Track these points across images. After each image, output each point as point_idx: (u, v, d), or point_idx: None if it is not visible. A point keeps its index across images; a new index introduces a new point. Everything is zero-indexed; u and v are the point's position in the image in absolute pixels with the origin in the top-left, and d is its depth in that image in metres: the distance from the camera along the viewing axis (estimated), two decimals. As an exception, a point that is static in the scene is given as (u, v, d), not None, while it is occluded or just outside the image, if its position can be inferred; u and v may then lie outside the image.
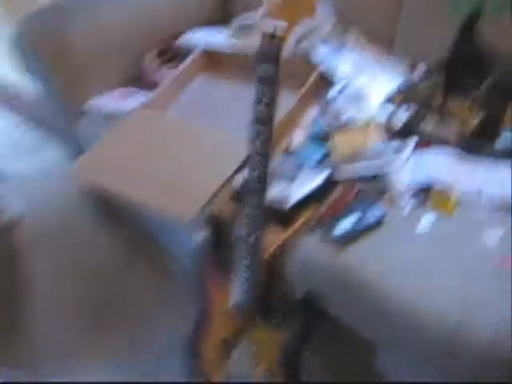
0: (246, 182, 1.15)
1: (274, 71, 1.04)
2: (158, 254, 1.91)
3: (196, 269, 1.39)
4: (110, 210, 1.96)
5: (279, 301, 1.32)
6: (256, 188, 1.13)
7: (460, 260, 1.16)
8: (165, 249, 1.88)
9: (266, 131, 1.07)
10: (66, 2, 1.79)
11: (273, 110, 1.06)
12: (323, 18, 1.69)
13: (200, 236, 1.35)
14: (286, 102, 1.51)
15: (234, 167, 1.33)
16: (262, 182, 1.12)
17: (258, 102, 1.06)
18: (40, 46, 1.70)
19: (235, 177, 1.36)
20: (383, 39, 1.66)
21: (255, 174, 1.10)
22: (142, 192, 1.37)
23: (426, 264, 1.17)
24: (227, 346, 1.36)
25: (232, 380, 1.37)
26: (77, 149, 1.85)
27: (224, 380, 1.39)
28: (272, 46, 1.01)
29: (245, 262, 1.22)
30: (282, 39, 1.03)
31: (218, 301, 1.35)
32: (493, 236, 1.19)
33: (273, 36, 1.02)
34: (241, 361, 1.36)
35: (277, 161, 1.38)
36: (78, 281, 1.98)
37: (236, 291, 1.27)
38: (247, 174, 1.12)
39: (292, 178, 1.34)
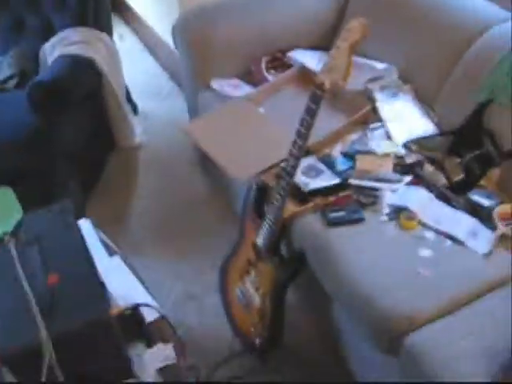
0: (284, 168, 1.81)
1: (315, 109, 1.67)
2: (229, 197, 2.61)
3: (244, 209, 2.06)
4: (203, 160, 2.69)
5: (283, 248, 1.98)
6: (289, 173, 1.78)
7: (400, 263, 1.77)
8: (233, 194, 2.56)
9: (301, 143, 1.71)
10: (214, 7, 2.50)
11: (308, 131, 1.69)
12: (388, 71, 2.30)
13: (251, 190, 2.02)
14: (339, 121, 2.16)
15: (283, 156, 1.99)
16: (292, 170, 1.77)
17: (301, 124, 1.70)
18: (191, 35, 2.44)
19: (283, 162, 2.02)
20: (428, 97, 2.24)
21: (290, 164, 1.76)
22: (222, 155, 2.08)
23: (381, 260, 1.77)
24: (246, 268, 2.04)
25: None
26: (194, 110, 2.59)
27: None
28: (318, 93, 1.64)
29: (271, 216, 1.88)
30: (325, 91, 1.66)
31: (249, 234, 2.02)
32: (427, 252, 1.80)
33: (321, 87, 1.66)
34: (250, 283, 2.05)
35: (314, 160, 2.04)
36: (165, 202, 2.74)
37: (261, 232, 1.94)
38: (285, 164, 1.78)
39: (318, 174, 1.99)
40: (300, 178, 1.95)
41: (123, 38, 3.78)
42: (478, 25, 2.14)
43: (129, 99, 3.07)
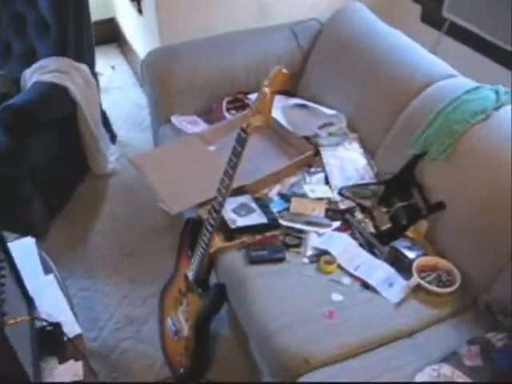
0: (212, 205, 1.88)
1: (240, 150, 1.75)
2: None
3: (180, 241, 2.13)
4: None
5: (209, 281, 2.05)
6: (216, 210, 1.86)
7: (310, 304, 1.82)
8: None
9: (227, 181, 1.78)
10: (181, 46, 2.62)
11: (234, 171, 1.75)
12: (338, 119, 2.38)
13: (187, 223, 2.10)
14: (280, 163, 2.24)
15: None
16: (219, 207, 1.84)
17: (228, 163, 1.78)
18: (156, 71, 2.57)
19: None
20: (371, 146, 2.31)
21: (217, 201, 1.83)
22: (164, 187, 2.17)
23: (292, 300, 1.82)
24: (179, 298, 2.11)
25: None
26: (156, 143, 2.70)
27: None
28: (243, 136, 1.72)
29: (201, 249, 1.95)
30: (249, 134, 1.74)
31: (183, 266, 2.08)
32: (339, 297, 1.84)
33: (245, 130, 1.75)
34: (181, 313, 2.11)
35: (248, 199, 2.11)
36: (127, 228, 2.83)
37: (192, 264, 2.01)
38: (213, 201, 1.86)
39: (248, 213, 2.06)
40: (229, 215, 2.02)
41: (115, 69, 3.94)
42: (422, 80, 2.22)
43: (107, 127, 3.19)
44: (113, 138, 3.26)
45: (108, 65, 3.96)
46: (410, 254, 1.94)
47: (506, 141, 1.90)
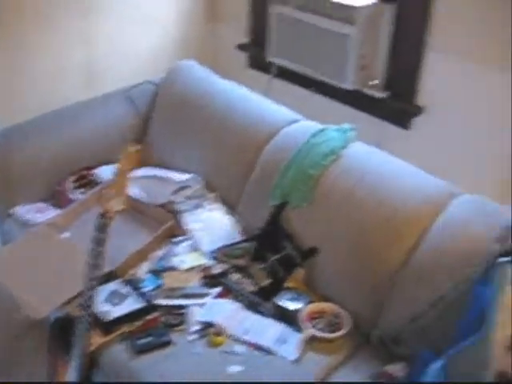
0: (80, 301, 1.72)
1: (104, 238, 1.63)
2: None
3: (49, 345, 1.92)
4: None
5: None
6: (86, 306, 1.70)
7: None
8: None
9: (92, 274, 1.65)
10: (14, 129, 2.41)
11: (98, 261, 1.63)
12: (193, 181, 2.32)
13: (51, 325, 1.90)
14: (143, 239, 2.12)
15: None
16: (89, 302, 1.69)
17: (91, 253, 1.64)
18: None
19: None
20: (232, 203, 2.27)
21: (85, 296, 1.68)
22: (22, 290, 1.95)
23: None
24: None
25: None
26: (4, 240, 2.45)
27: None
28: (103, 222, 1.60)
29: (77, 351, 1.77)
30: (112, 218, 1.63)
31: (60, 372, 1.89)
32: (236, 368, 1.76)
33: (106, 215, 1.63)
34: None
35: (118, 285, 1.97)
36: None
37: (71, 367, 1.81)
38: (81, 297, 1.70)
39: (122, 300, 1.92)
40: (102, 307, 1.87)
41: None
42: (268, 129, 2.25)
43: None
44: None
45: None
46: (295, 306, 1.92)
47: (358, 175, 1.98)
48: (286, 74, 2.96)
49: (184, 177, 2.33)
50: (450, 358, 1.57)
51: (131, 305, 1.90)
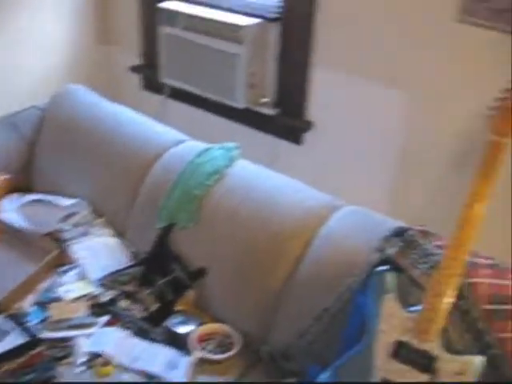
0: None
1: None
2: None
3: None
4: None
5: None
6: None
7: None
8: None
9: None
10: None
11: None
12: (79, 206, 2.26)
13: None
14: (27, 270, 2.05)
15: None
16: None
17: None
18: None
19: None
20: (120, 228, 2.23)
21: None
22: None
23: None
24: None
25: None
26: None
27: None
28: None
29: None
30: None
31: None
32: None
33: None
34: None
35: (1, 320, 1.89)
36: None
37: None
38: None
39: (3, 337, 1.84)
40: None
41: None
42: (154, 150, 2.22)
43: None
44: None
45: None
46: (186, 329, 1.90)
47: (243, 193, 1.98)
48: (179, 95, 2.96)
49: (70, 201, 2.27)
50: (336, 369, 1.59)
51: (13, 341, 1.82)
